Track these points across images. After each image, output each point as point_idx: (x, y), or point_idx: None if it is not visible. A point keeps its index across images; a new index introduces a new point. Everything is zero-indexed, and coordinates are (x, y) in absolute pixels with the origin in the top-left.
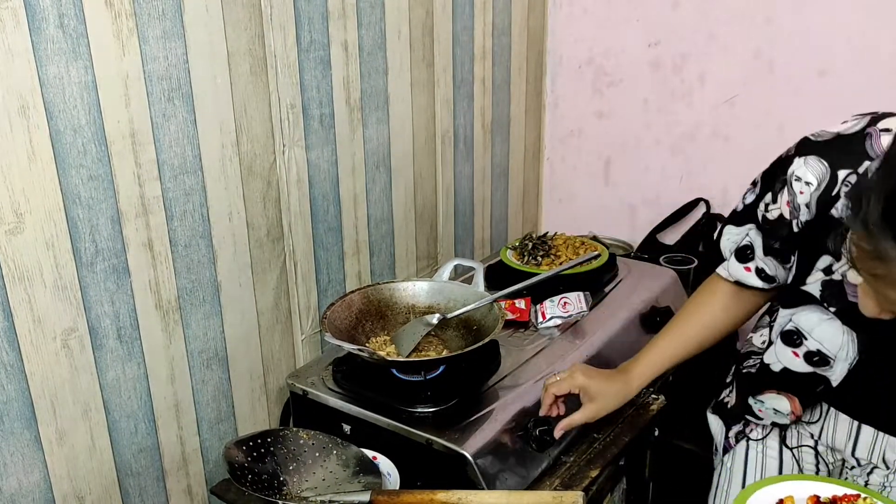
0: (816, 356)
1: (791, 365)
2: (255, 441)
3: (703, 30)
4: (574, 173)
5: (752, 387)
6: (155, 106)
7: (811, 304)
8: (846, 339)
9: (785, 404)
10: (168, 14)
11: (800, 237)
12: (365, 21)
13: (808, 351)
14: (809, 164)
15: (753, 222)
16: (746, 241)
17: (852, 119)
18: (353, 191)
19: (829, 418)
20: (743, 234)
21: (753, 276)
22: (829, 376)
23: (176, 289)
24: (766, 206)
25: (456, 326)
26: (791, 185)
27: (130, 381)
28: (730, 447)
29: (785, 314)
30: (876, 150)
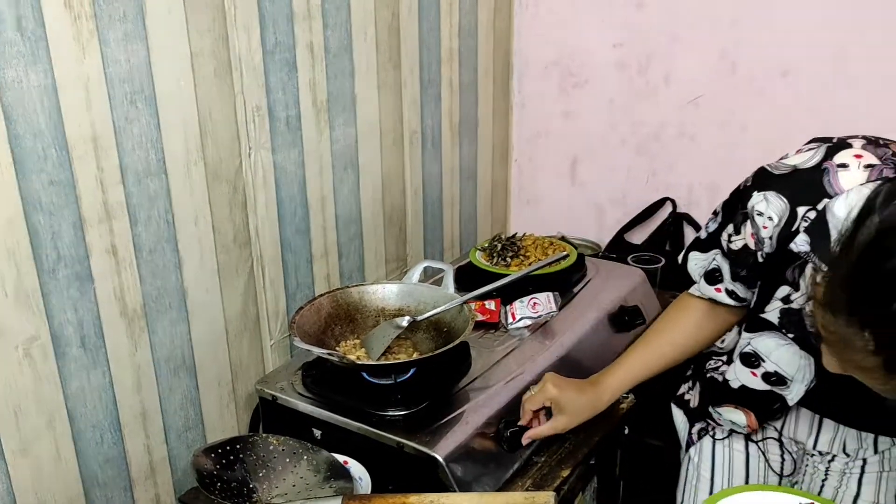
0: (774, 377)
1: (749, 383)
2: (224, 448)
3: (668, 31)
4: (542, 174)
5: (712, 396)
6: (117, 109)
7: (770, 330)
8: (803, 364)
9: (742, 418)
10: (129, 16)
11: (764, 267)
12: (331, 22)
13: (765, 372)
14: (769, 199)
15: (718, 248)
16: (714, 265)
17: (807, 148)
18: (320, 193)
19: (791, 412)
20: (709, 259)
21: (724, 295)
22: (785, 395)
23: (141, 295)
24: (728, 237)
25: (426, 328)
26: (754, 219)
27: (95, 389)
28: (693, 443)
29: (745, 337)
30: (834, 186)
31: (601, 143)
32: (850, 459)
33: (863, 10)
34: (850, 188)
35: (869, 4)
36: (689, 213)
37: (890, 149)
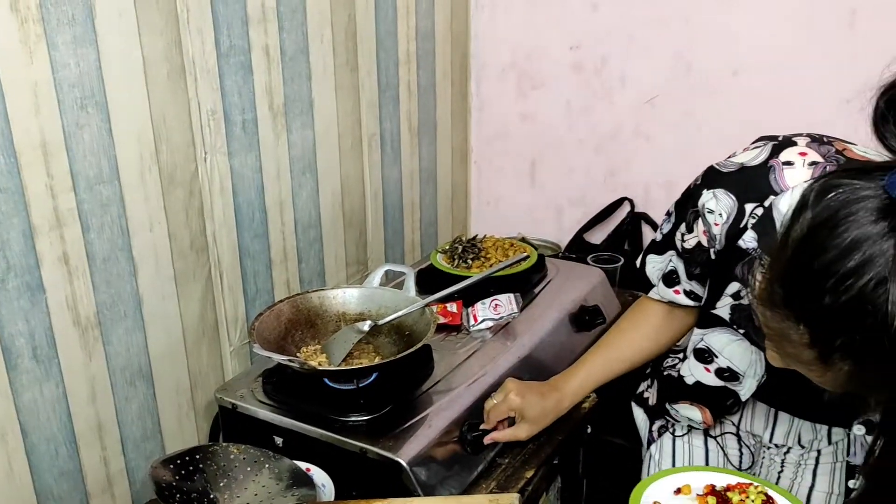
0: (727, 372)
1: (703, 379)
2: (183, 458)
3: (623, 32)
4: (501, 175)
5: (668, 393)
6: (67, 114)
7: (721, 326)
8: (754, 358)
9: (697, 415)
10: (78, 19)
11: (715, 264)
12: (286, 25)
13: (718, 367)
14: (718, 197)
15: (673, 249)
16: (671, 267)
17: (754, 146)
18: (278, 197)
19: (747, 406)
20: (666, 260)
21: (683, 297)
22: (738, 391)
23: (95, 304)
24: (682, 236)
25: (388, 332)
26: (705, 216)
27: (49, 402)
28: (654, 440)
29: (698, 333)
30: (779, 183)
31: (559, 144)
32: (805, 451)
33: (812, 10)
34: (794, 185)
35: (817, 4)
36: (646, 213)
37: (833, 146)
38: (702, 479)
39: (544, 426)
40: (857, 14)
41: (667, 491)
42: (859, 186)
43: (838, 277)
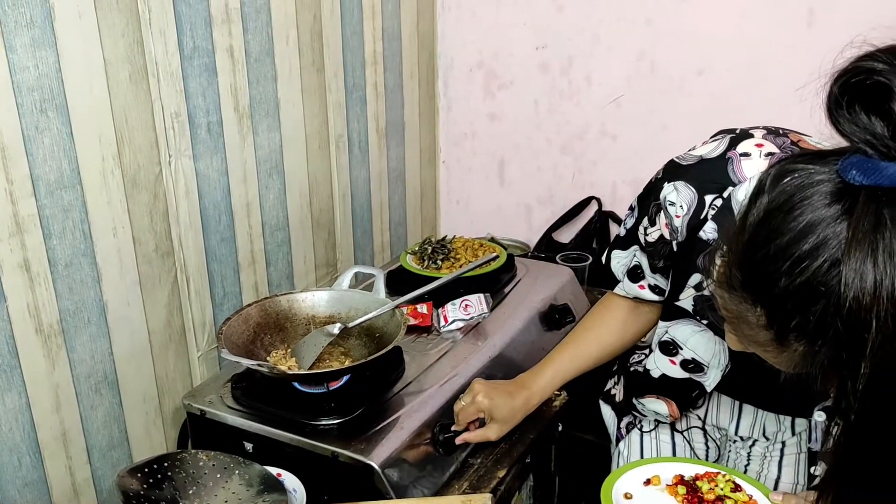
0: (692, 363)
1: (669, 371)
2: (151, 467)
3: (588, 32)
4: (470, 175)
5: (635, 388)
6: (26, 118)
7: (685, 317)
8: (718, 349)
9: (664, 408)
10: (37, 21)
11: (677, 256)
12: (251, 26)
13: (683, 359)
14: (679, 189)
15: (636, 243)
16: (635, 262)
17: (712, 140)
18: (245, 199)
19: (712, 400)
20: (630, 255)
21: (648, 291)
22: (703, 382)
23: (58, 311)
24: (644, 230)
25: (358, 335)
26: (666, 208)
27: (11, 412)
28: (622, 437)
29: (662, 326)
30: (738, 174)
31: (527, 144)
32: (769, 443)
33: (771, 10)
34: (752, 175)
35: (776, 5)
36: (614, 212)
37: (789, 138)
38: (670, 469)
39: (514, 425)
40: (815, 13)
41: (637, 482)
42: (814, 171)
43: (793, 260)
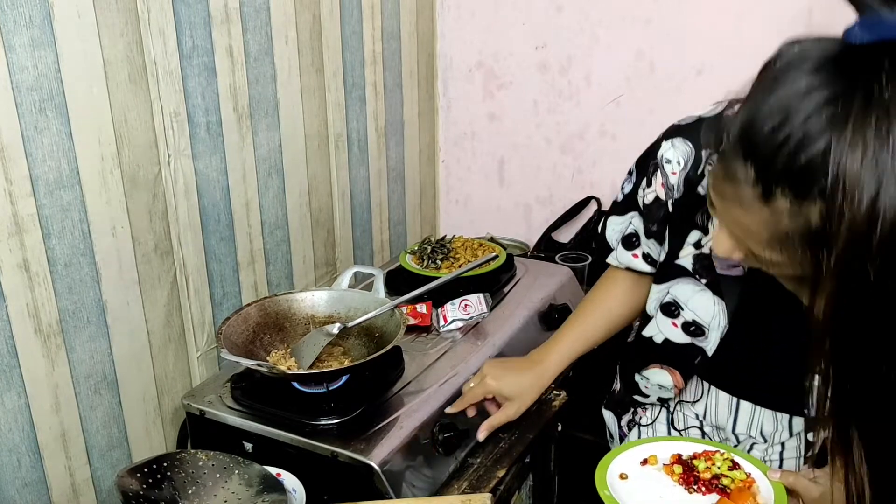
0: (693, 326)
1: (671, 335)
2: (150, 467)
3: (587, 32)
4: (469, 175)
5: (637, 361)
6: (25, 118)
7: (685, 276)
8: (717, 309)
9: (668, 378)
10: (36, 21)
11: (673, 216)
12: (250, 26)
13: (685, 321)
14: (676, 145)
15: (635, 209)
16: (631, 230)
17: (712, 105)
18: (244, 199)
19: (710, 397)
20: (626, 222)
21: (641, 261)
22: (704, 346)
23: (57, 311)
24: (643, 192)
25: (358, 335)
26: (663, 166)
27: (10, 412)
28: (624, 436)
29: (661, 288)
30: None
31: (526, 144)
32: (768, 445)
33: (770, 9)
34: None
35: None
36: None
37: None
38: (668, 448)
39: (530, 401)
40: (815, 14)
41: (634, 462)
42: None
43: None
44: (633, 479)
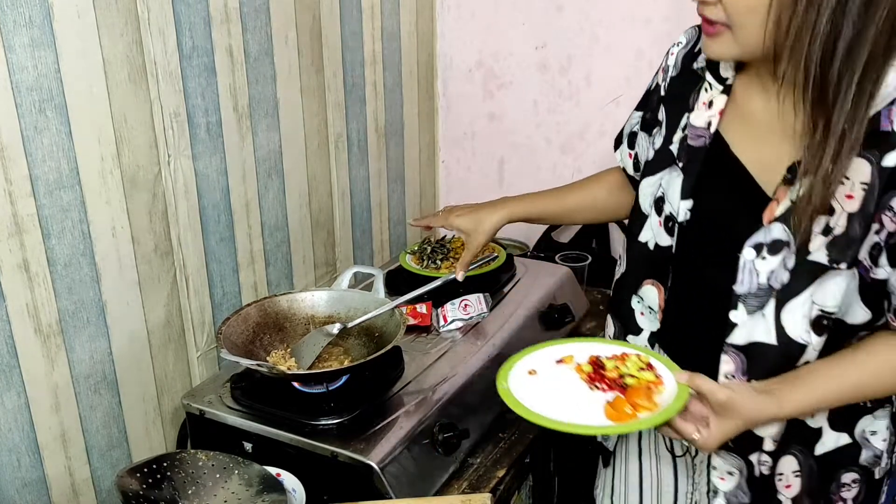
0: (671, 221)
1: (658, 237)
2: (150, 467)
3: (587, 32)
4: (469, 175)
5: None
6: (25, 118)
7: (672, 164)
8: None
9: (654, 295)
10: (36, 21)
11: (667, 98)
12: (250, 26)
13: (665, 216)
14: (687, 31)
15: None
16: (636, 127)
17: None
18: (244, 199)
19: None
20: (639, 116)
21: (630, 162)
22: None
23: (57, 311)
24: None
25: (358, 335)
26: (670, 51)
27: (10, 412)
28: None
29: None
30: None
31: (527, 144)
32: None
33: None
34: None
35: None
36: None
37: None
38: (587, 349)
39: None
40: None
41: (549, 360)
42: None
43: None
44: (541, 375)
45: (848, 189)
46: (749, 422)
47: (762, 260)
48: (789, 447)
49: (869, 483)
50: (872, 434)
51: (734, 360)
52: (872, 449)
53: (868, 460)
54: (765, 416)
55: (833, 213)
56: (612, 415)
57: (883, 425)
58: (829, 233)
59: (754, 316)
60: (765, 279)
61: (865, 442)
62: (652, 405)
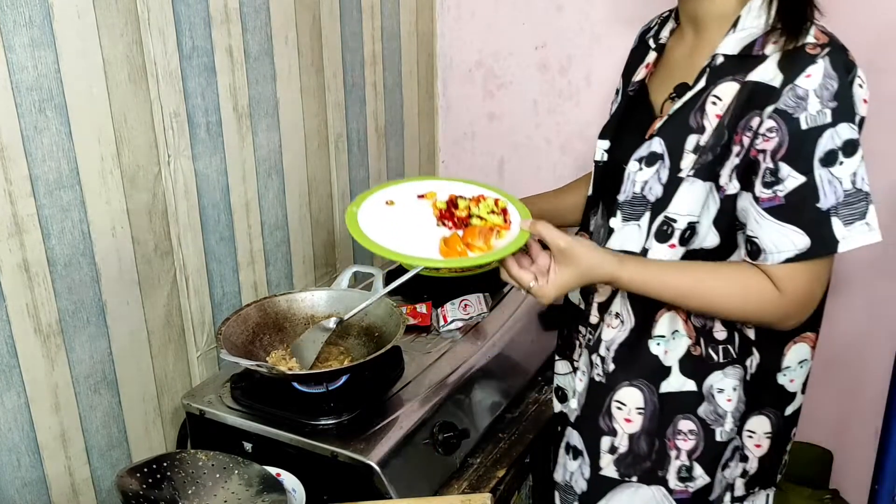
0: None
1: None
2: (150, 467)
3: (587, 32)
4: (469, 174)
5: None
6: (25, 118)
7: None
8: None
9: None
10: (36, 21)
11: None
12: (250, 26)
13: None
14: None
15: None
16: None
17: None
18: (244, 199)
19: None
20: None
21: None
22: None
23: (57, 311)
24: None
25: (357, 334)
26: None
27: (10, 412)
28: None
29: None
30: None
31: (527, 144)
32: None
33: None
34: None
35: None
36: None
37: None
38: (450, 188)
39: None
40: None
41: (411, 194)
42: None
43: None
44: (398, 207)
45: (719, 109)
46: (587, 272)
47: (640, 171)
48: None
49: (708, 442)
50: (720, 391)
51: None
52: (715, 405)
53: (708, 415)
54: (604, 272)
55: (704, 132)
56: (444, 251)
57: (730, 385)
58: (698, 150)
59: (629, 224)
60: (639, 188)
61: (710, 397)
62: (486, 246)
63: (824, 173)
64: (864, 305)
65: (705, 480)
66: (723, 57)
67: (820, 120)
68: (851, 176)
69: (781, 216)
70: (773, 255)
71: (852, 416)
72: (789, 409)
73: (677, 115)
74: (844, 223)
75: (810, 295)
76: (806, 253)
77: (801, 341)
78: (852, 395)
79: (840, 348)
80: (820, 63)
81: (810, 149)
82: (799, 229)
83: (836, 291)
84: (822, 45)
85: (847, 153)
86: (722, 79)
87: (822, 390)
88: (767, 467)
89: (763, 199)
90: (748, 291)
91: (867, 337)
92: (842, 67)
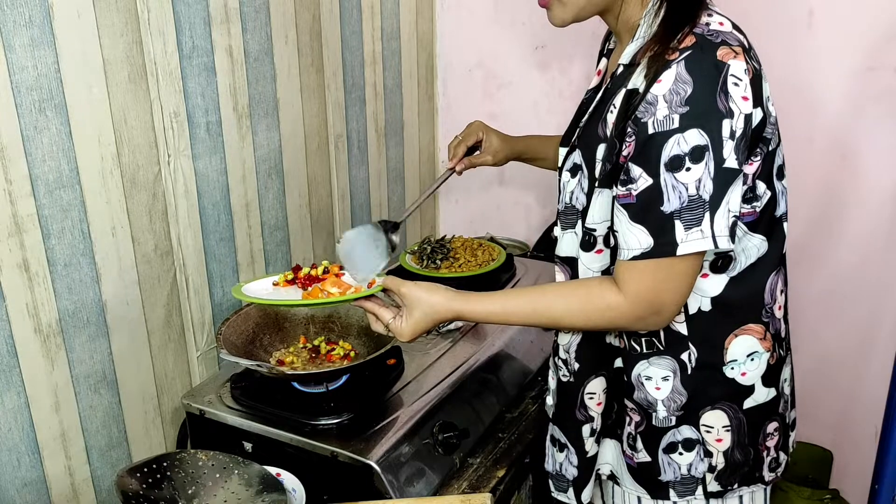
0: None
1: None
2: (150, 466)
3: (586, 32)
4: (469, 175)
5: None
6: (25, 118)
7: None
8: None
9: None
10: (36, 21)
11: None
12: (250, 26)
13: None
14: None
15: None
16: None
17: None
18: (244, 199)
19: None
20: None
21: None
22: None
23: (57, 311)
24: None
25: (358, 334)
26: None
27: (10, 412)
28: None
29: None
30: None
31: None
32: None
33: (770, 11)
34: None
35: (775, 5)
36: None
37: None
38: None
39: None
40: (815, 14)
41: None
42: None
43: None
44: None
45: (614, 118)
46: (432, 313)
47: (568, 181)
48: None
49: (647, 423)
50: (647, 379)
51: (563, 272)
52: (645, 393)
53: (642, 401)
54: (446, 309)
55: (607, 141)
56: (307, 296)
57: (658, 374)
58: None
59: (568, 232)
60: (569, 198)
61: (640, 385)
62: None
63: (669, 178)
64: (865, 305)
65: (647, 458)
66: (622, 67)
67: (666, 125)
68: (696, 182)
69: (633, 215)
70: (625, 252)
71: (852, 416)
72: (748, 402)
73: (588, 125)
74: (685, 227)
75: (655, 295)
76: (649, 252)
77: (743, 334)
78: (852, 395)
79: (840, 348)
80: (673, 68)
81: (657, 153)
82: (645, 229)
83: (836, 291)
84: (682, 49)
85: (694, 159)
86: (619, 88)
87: (822, 390)
88: (740, 462)
89: (620, 195)
90: (588, 305)
91: (867, 337)
92: (705, 70)
